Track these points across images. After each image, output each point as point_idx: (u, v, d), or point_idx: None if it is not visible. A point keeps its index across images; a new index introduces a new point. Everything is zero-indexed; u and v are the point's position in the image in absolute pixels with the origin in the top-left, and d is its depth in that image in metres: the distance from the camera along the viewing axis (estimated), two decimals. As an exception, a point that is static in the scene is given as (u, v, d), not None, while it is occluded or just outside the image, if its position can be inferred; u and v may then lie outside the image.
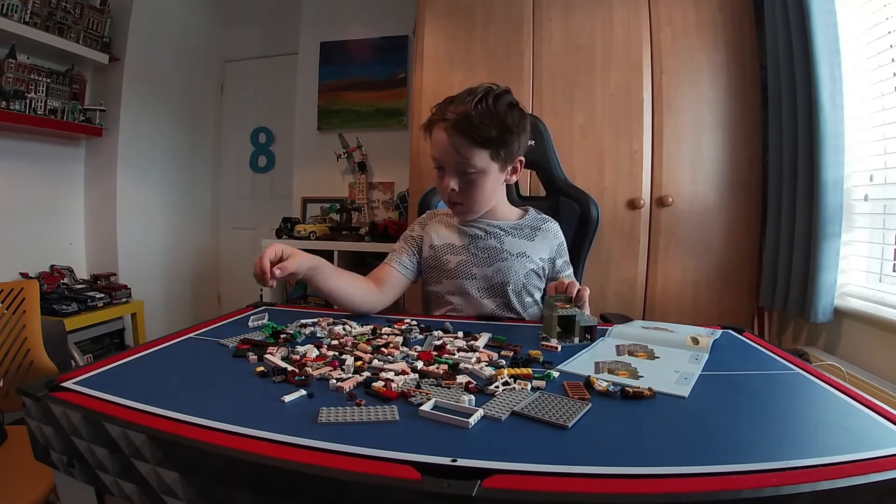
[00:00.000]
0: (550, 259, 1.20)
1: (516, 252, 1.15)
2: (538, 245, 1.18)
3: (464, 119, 1.04)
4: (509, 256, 1.14)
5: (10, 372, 1.32)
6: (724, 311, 1.87)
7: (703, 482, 0.42)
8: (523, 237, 1.18)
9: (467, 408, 0.56)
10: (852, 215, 1.52)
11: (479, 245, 1.16)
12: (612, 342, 0.88)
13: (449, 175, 1.09)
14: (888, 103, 1.43)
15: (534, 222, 1.22)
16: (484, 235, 1.17)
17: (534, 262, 1.16)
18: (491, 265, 1.14)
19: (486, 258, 1.15)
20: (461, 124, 1.04)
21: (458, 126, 1.04)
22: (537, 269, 1.16)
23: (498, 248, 1.15)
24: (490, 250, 1.15)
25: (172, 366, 0.73)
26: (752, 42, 1.85)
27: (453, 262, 1.16)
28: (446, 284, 1.16)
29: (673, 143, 1.89)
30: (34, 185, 2.47)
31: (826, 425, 0.57)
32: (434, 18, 2.07)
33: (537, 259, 1.16)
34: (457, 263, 1.15)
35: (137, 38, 2.75)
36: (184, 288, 3.29)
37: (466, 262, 1.15)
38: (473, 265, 1.14)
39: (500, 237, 1.16)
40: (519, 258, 1.15)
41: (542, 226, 1.21)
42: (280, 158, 3.43)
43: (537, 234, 1.19)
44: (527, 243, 1.17)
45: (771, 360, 0.80)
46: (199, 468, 0.47)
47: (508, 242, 1.16)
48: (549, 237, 1.20)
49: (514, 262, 1.14)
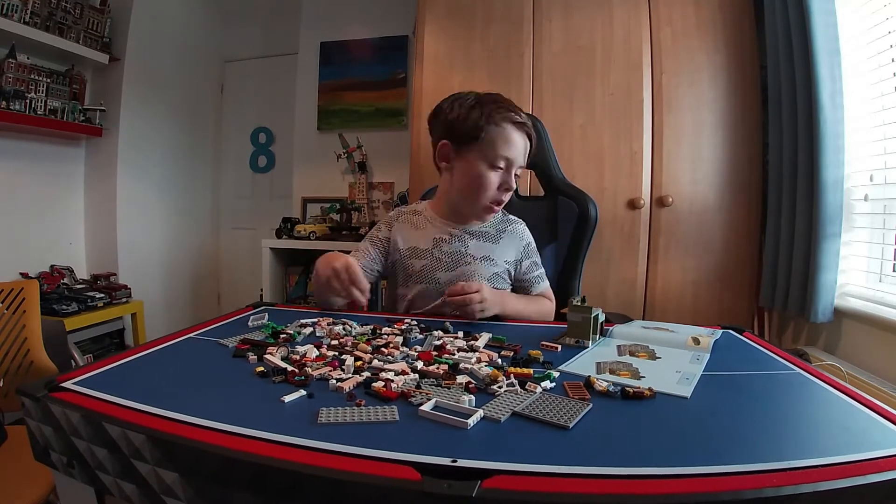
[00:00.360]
0: (517, 261, 1.20)
1: (480, 256, 1.16)
2: (503, 247, 1.19)
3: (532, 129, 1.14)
4: (473, 260, 1.16)
5: (10, 372, 1.31)
6: (724, 311, 1.87)
7: (703, 482, 0.42)
8: (488, 240, 1.19)
9: (467, 408, 0.56)
10: (852, 215, 1.52)
11: (443, 249, 1.17)
12: (613, 342, 0.88)
13: (513, 176, 1.13)
14: (888, 103, 1.43)
15: (499, 224, 1.22)
16: (449, 239, 1.18)
17: (498, 265, 1.17)
18: (454, 269, 1.15)
19: (450, 262, 1.16)
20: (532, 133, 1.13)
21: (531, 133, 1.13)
22: (501, 272, 1.17)
23: (462, 251, 1.16)
24: (454, 254, 1.16)
25: (172, 366, 0.73)
26: (752, 42, 1.85)
27: (417, 266, 1.16)
28: (411, 287, 1.17)
29: (673, 143, 1.89)
30: (34, 185, 2.47)
31: (826, 425, 0.57)
32: (434, 18, 2.07)
33: (502, 262, 1.17)
34: (421, 267, 1.16)
35: (137, 38, 2.75)
36: (184, 288, 3.29)
37: (430, 266, 1.16)
38: (437, 269, 1.15)
39: (464, 240, 1.18)
40: (483, 262, 1.16)
41: (508, 227, 1.22)
42: (280, 158, 3.42)
43: (503, 235, 1.20)
44: (491, 246, 1.18)
45: (771, 360, 0.80)
46: (199, 468, 0.47)
47: (473, 246, 1.17)
48: (514, 238, 1.21)
49: (477, 265, 1.15)
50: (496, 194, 1.13)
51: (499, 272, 1.17)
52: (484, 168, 1.11)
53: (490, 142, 1.09)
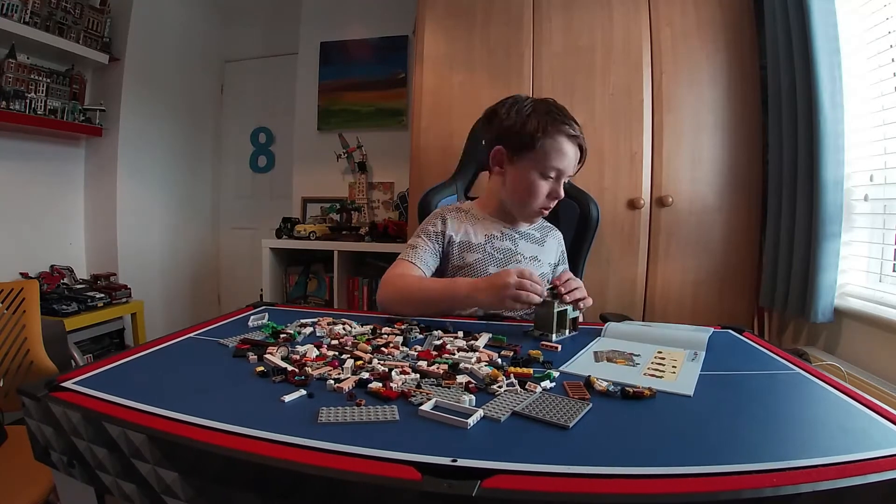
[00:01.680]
0: (554, 264, 1.27)
1: (529, 255, 1.22)
2: (547, 250, 1.25)
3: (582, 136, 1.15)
4: (523, 259, 1.21)
5: (10, 372, 1.31)
6: (724, 311, 1.87)
7: (703, 482, 0.42)
8: (534, 241, 1.25)
9: (467, 408, 0.56)
10: (852, 215, 1.52)
11: (495, 245, 1.21)
12: (605, 342, 0.88)
13: (561, 185, 1.16)
14: (888, 103, 1.42)
15: (542, 230, 1.29)
16: (500, 236, 1.22)
17: (543, 266, 1.22)
18: (506, 265, 1.18)
19: (502, 258, 1.19)
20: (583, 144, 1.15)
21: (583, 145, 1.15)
22: (546, 274, 1.22)
23: (513, 249, 1.21)
24: (506, 251, 1.20)
25: (172, 366, 0.73)
26: (752, 42, 1.85)
27: (470, 259, 1.18)
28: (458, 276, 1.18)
29: (673, 143, 1.89)
30: (34, 185, 2.47)
31: (826, 425, 0.57)
32: (434, 18, 2.07)
33: (547, 264, 1.24)
34: (474, 261, 1.18)
35: (137, 38, 2.75)
36: (183, 288, 3.29)
37: (483, 260, 1.18)
38: (490, 264, 1.18)
39: (514, 240, 1.22)
40: (531, 261, 1.21)
41: (550, 233, 1.30)
42: (280, 158, 3.42)
43: (546, 240, 1.27)
44: (538, 248, 1.24)
45: (771, 359, 0.80)
46: (199, 468, 0.47)
47: (522, 246, 1.22)
48: (555, 244, 1.28)
49: (527, 264, 1.20)
50: (545, 201, 1.17)
51: (544, 273, 1.22)
52: (535, 176, 1.14)
53: (544, 152, 1.12)
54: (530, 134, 1.12)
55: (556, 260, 1.28)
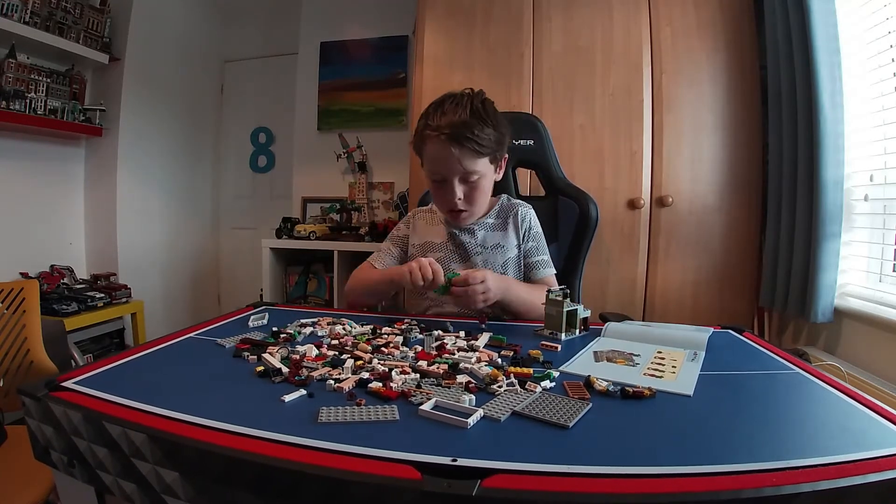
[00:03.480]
0: (519, 244, 1.20)
1: (490, 245, 1.19)
2: (510, 234, 1.20)
3: (464, 129, 1.03)
4: (484, 250, 1.18)
5: (10, 372, 1.31)
6: (724, 311, 1.87)
7: (703, 482, 0.42)
8: (496, 228, 1.21)
9: (467, 408, 0.56)
10: (852, 215, 1.52)
11: (455, 241, 1.20)
12: (605, 342, 0.88)
13: (454, 186, 1.09)
14: (888, 103, 1.42)
15: (505, 211, 1.23)
16: (459, 232, 1.20)
17: (509, 250, 1.19)
18: (468, 260, 1.18)
19: (464, 253, 1.19)
20: (462, 135, 1.03)
21: (459, 137, 1.04)
22: (513, 258, 1.19)
23: (473, 243, 1.19)
24: (466, 246, 1.19)
25: (172, 366, 0.73)
26: (752, 42, 1.85)
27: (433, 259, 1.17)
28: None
29: (673, 143, 1.89)
30: (34, 185, 2.47)
31: (826, 425, 0.57)
32: (434, 18, 2.07)
33: (512, 247, 1.19)
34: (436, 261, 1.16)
35: (137, 38, 2.75)
36: (184, 288, 3.29)
37: (446, 258, 1.18)
38: (452, 261, 1.19)
39: (473, 231, 1.20)
40: (494, 250, 1.18)
41: (512, 212, 1.22)
42: (280, 158, 3.42)
43: (508, 222, 1.21)
44: (500, 234, 1.20)
45: (771, 360, 0.80)
46: (200, 468, 0.47)
47: (481, 236, 1.20)
48: (517, 222, 1.21)
49: (489, 254, 1.18)
50: (444, 204, 1.14)
51: (511, 258, 1.19)
52: (431, 184, 1.14)
53: (424, 158, 1.12)
54: (415, 141, 1.12)
55: (518, 240, 1.20)
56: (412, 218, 1.30)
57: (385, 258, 1.24)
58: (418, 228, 1.27)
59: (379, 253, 1.26)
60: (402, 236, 1.28)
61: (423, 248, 1.22)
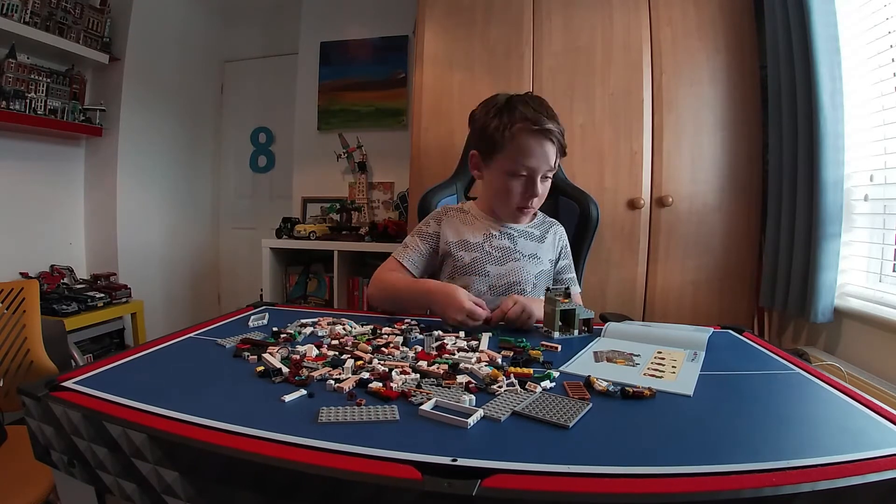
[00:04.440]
0: (554, 260, 1.24)
1: (528, 253, 1.19)
2: (546, 247, 1.22)
3: (557, 126, 1.09)
4: (521, 257, 1.18)
5: (10, 372, 1.31)
6: (724, 311, 1.87)
7: (703, 482, 0.42)
8: (534, 239, 1.22)
9: (467, 408, 0.56)
10: (852, 215, 1.52)
11: (493, 244, 1.19)
12: (605, 342, 0.88)
13: (539, 182, 1.12)
14: (888, 103, 1.42)
15: (542, 225, 1.26)
16: (498, 235, 1.20)
17: (543, 263, 1.20)
18: (504, 264, 1.17)
19: (500, 257, 1.18)
20: (556, 132, 1.09)
21: (554, 134, 1.09)
22: (547, 271, 1.20)
23: (511, 248, 1.19)
24: (504, 249, 1.18)
25: (172, 366, 0.73)
26: (752, 42, 1.85)
27: (468, 259, 1.17)
28: (458, 280, 1.17)
29: (673, 143, 1.89)
30: (34, 185, 2.47)
31: (826, 425, 0.57)
32: (434, 18, 2.07)
33: (546, 261, 1.21)
34: (471, 260, 1.17)
35: (137, 38, 2.75)
36: (184, 288, 3.29)
37: (480, 259, 1.17)
38: (487, 262, 1.17)
39: (513, 237, 1.20)
40: (531, 259, 1.19)
41: (550, 228, 1.26)
42: (280, 158, 3.42)
43: (546, 236, 1.23)
44: (537, 245, 1.21)
45: (771, 360, 0.80)
46: (200, 468, 0.47)
47: (521, 244, 1.20)
48: (555, 240, 1.25)
49: (526, 262, 1.18)
50: (521, 201, 1.14)
51: (545, 270, 1.20)
52: (506, 177, 1.12)
53: (510, 152, 1.10)
54: (494, 133, 1.10)
55: (554, 256, 1.24)
56: (443, 215, 1.25)
57: (413, 256, 1.19)
58: (452, 225, 1.22)
59: (405, 249, 1.20)
60: (431, 233, 1.22)
61: (459, 245, 1.18)
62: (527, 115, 1.08)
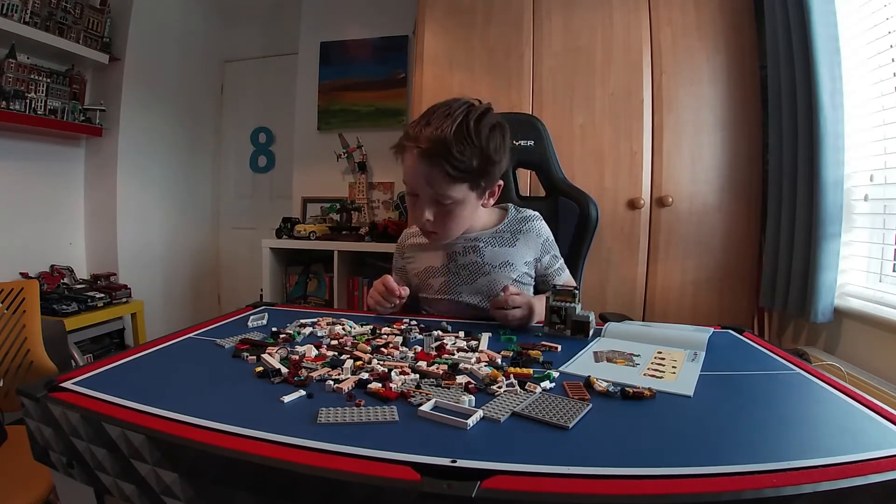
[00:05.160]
0: (536, 259, 1.14)
1: (498, 263, 1.09)
2: (520, 249, 1.11)
3: (441, 148, 0.91)
4: (491, 269, 1.09)
5: (10, 372, 1.31)
6: (724, 311, 1.87)
7: (703, 483, 0.42)
8: (504, 244, 1.11)
9: (467, 408, 0.56)
10: (852, 215, 1.52)
11: (458, 263, 1.11)
12: (605, 342, 0.88)
13: (424, 205, 0.99)
14: (888, 103, 1.42)
15: (514, 225, 1.13)
16: (462, 252, 1.10)
17: (517, 269, 1.10)
18: (474, 282, 1.09)
19: (469, 275, 1.10)
20: (438, 154, 0.91)
21: (435, 156, 0.92)
22: (521, 277, 1.11)
23: (479, 262, 1.09)
24: (471, 266, 1.10)
25: (172, 366, 0.73)
26: (752, 42, 1.85)
27: (437, 285, 1.13)
28: (435, 304, 1.15)
29: (673, 143, 1.89)
30: (34, 185, 2.47)
31: (826, 425, 0.57)
32: (434, 18, 2.07)
33: (521, 265, 1.11)
34: (440, 285, 1.12)
35: (137, 38, 2.75)
36: (184, 288, 3.29)
37: (449, 282, 1.12)
38: (458, 284, 1.11)
39: (479, 250, 1.10)
40: (502, 268, 1.09)
41: (524, 227, 1.13)
42: (280, 158, 3.42)
43: (518, 237, 1.12)
44: (508, 250, 1.10)
45: (771, 360, 0.80)
46: (199, 469, 0.47)
47: (489, 254, 1.09)
48: (531, 237, 1.13)
49: (497, 274, 1.08)
50: (417, 222, 1.05)
51: (518, 277, 1.10)
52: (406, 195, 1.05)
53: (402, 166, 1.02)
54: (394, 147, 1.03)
55: (535, 254, 1.12)
56: (402, 245, 1.22)
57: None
58: (413, 254, 1.18)
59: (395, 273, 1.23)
60: (399, 268, 1.22)
61: (426, 273, 1.14)
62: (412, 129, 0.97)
